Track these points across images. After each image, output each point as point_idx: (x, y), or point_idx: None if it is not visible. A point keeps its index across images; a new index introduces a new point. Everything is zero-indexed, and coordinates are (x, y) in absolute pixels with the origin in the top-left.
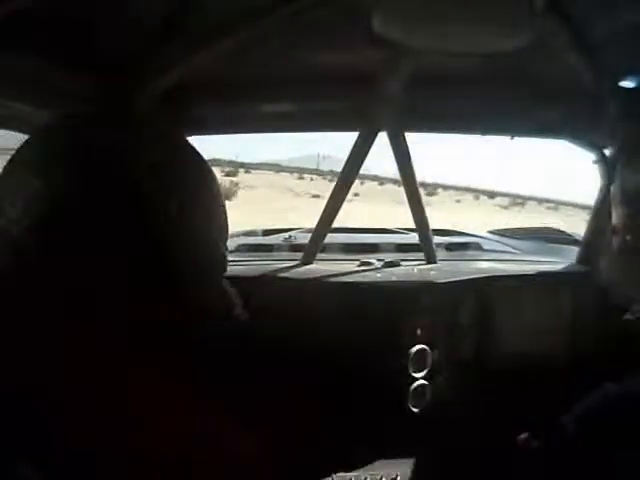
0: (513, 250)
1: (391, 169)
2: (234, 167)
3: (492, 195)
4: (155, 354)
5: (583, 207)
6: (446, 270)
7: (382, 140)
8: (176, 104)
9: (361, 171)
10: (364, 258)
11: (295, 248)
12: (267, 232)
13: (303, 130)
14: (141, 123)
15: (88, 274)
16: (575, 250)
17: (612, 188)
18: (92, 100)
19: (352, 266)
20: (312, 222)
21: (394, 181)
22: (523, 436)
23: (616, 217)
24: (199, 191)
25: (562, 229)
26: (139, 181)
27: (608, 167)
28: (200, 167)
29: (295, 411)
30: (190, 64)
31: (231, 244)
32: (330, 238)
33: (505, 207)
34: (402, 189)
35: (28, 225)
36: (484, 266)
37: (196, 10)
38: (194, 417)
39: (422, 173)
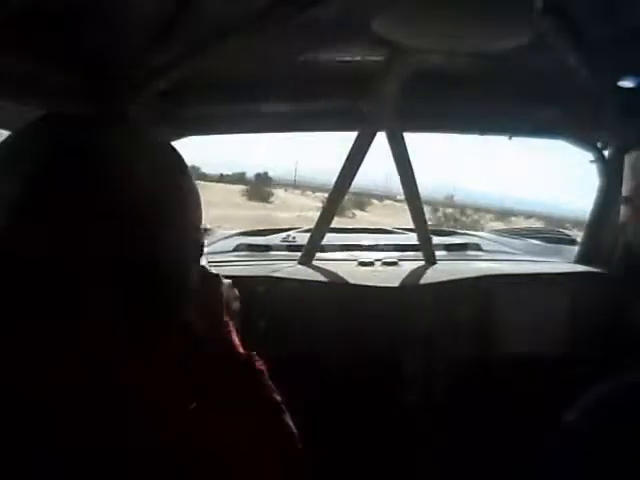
0: (512, 250)
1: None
2: None
3: None
4: (151, 352)
5: None
6: (445, 270)
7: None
8: (176, 104)
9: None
10: (363, 258)
11: (294, 248)
12: (265, 232)
13: (302, 130)
14: (121, 123)
15: (69, 277)
16: (574, 250)
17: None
18: (91, 100)
19: (351, 266)
20: None
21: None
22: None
23: None
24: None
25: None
26: (119, 185)
27: (607, 167)
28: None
29: (294, 410)
30: (190, 64)
31: (229, 244)
32: (329, 238)
33: None
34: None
35: (9, 226)
36: (483, 266)
37: (196, 10)
38: (192, 417)
39: None
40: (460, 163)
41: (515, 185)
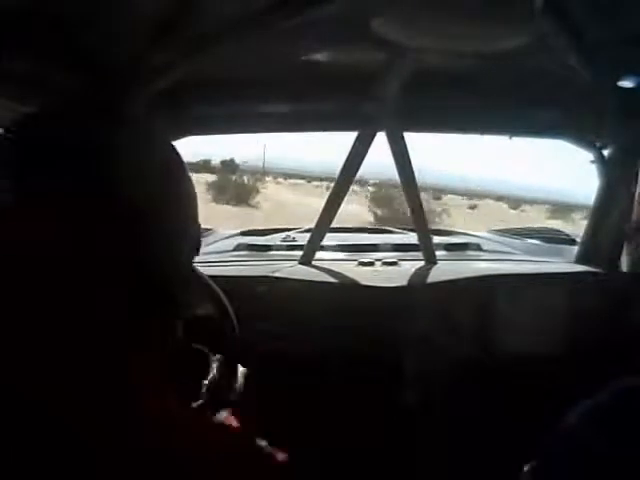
0: (512, 250)
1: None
2: None
3: None
4: (152, 352)
5: None
6: (445, 270)
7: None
8: (176, 104)
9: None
10: (363, 258)
11: (294, 248)
12: (265, 232)
13: (303, 130)
14: (123, 122)
15: (69, 277)
16: (574, 250)
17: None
18: (90, 99)
19: (351, 266)
20: None
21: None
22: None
23: None
24: (172, 193)
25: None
26: (117, 182)
27: (607, 167)
28: (177, 167)
29: (294, 410)
30: (190, 64)
31: (229, 244)
32: (329, 238)
33: None
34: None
35: (13, 226)
36: (483, 266)
37: (196, 10)
38: (192, 417)
39: None
40: None
41: None
